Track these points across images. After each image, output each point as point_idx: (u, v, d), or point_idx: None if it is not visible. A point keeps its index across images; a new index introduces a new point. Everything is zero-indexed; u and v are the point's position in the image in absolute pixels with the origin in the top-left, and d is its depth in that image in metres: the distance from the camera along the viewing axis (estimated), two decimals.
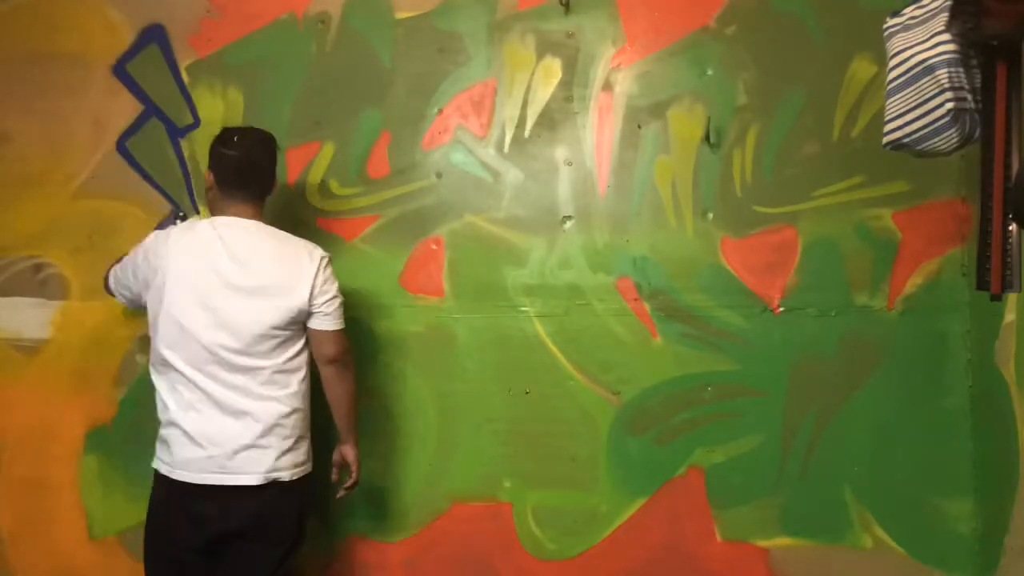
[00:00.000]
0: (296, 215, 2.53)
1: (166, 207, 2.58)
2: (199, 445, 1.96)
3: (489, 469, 2.49)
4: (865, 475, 2.39)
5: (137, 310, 2.30)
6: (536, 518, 2.49)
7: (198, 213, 2.56)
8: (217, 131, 2.55)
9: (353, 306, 2.50)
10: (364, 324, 2.52)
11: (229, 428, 1.97)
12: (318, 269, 2.07)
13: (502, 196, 2.51)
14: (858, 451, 2.39)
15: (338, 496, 2.23)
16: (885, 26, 1.71)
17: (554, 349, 2.48)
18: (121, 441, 2.56)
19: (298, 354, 2.08)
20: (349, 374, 2.16)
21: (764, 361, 2.42)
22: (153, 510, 2.06)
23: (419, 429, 2.52)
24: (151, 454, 2.52)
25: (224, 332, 1.98)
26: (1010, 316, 2.16)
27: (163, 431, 2.04)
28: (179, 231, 2.07)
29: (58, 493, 2.59)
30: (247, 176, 2.10)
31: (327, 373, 2.12)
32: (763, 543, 2.42)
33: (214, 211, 2.12)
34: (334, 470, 2.24)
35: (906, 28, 1.65)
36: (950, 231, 2.37)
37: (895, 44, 1.67)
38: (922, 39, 1.60)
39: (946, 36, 1.56)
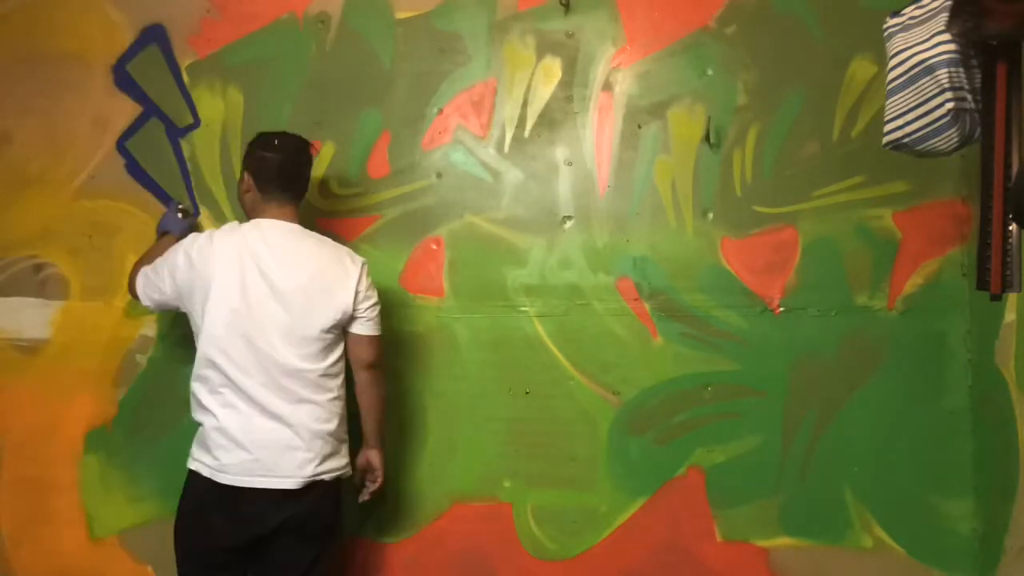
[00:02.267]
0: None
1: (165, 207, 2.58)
2: (243, 448, 1.97)
3: (489, 469, 2.49)
4: (865, 475, 2.39)
5: (144, 310, 2.30)
6: (536, 518, 2.49)
7: (196, 208, 2.56)
8: (217, 131, 2.56)
9: None
10: None
11: (273, 432, 1.98)
12: (361, 274, 2.11)
13: (502, 196, 2.51)
14: (858, 451, 2.39)
15: (362, 499, 2.25)
16: (885, 26, 1.71)
17: (554, 349, 2.48)
18: (121, 441, 2.56)
19: (339, 359, 2.10)
20: (383, 380, 2.20)
21: (764, 361, 2.42)
22: (188, 511, 2.05)
23: (419, 429, 2.52)
24: (151, 454, 2.54)
25: (276, 334, 1.99)
26: (1010, 316, 2.16)
27: (204, 433, 2.03)
28: (221, 234, 2.08)
29: (58, 493, 2.59)
30: (291, 179, 2.13)
31: (363, 378, 2.15)
32: (763, 543, 2.42)
33: (253, 214, 2.14)
34: (358, 474, 2.24)
35: (906, 28, 1.65)
36: (950, 231, 2.37)
37: (895, 44, 1.67)
38: (922, 39, 1.60)
39: (946, 36, 1.56)
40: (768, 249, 2.43)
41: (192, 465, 2.04)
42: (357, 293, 2.08)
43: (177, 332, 2.51)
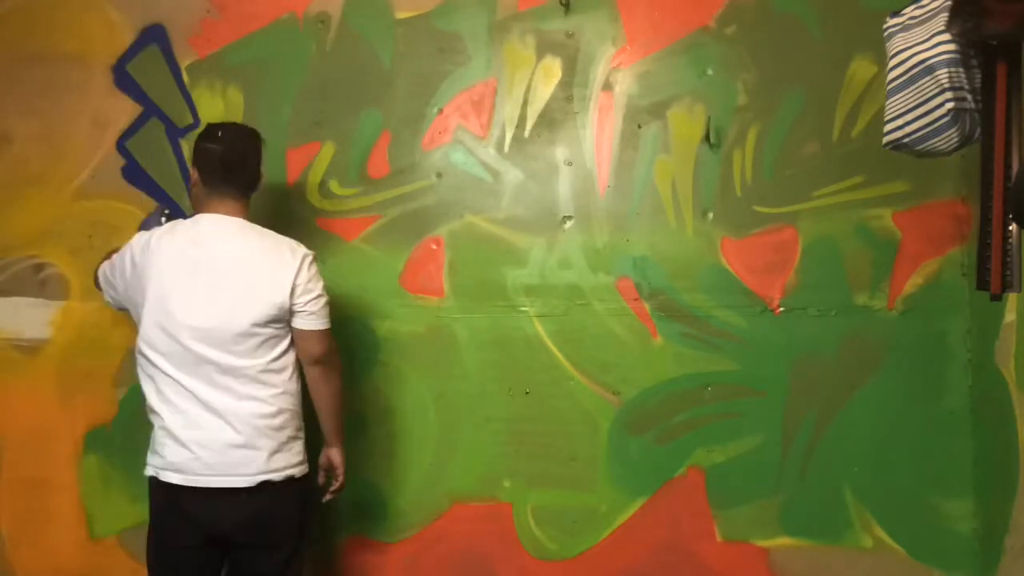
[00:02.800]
0: (296, 215, 2.54)
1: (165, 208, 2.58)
2: (185, 447, 1.93)
3: (489, 469, 2.49)
4: (865, 475, 2.39)
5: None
6: (536, 518, 2.49)
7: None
8: None
9: (353, 306, 2.51)
10: (364, 324, 2.52)
11: (215, 429, 1.94)
12: (300, 267, 2.03)
13: (502, 196, 2.51)
14: (858, 451, 2.39)
15: (323, 500, 2.20)
16: (885, 26, 1.71)
17: (554, 349, 2.48)
18: (121, 441, 2.55)
19: (283, 354, 2.03)
20: (335, 375, 2.12)
21: (764, 361, 2.42)
22: (151, 513, 2.04)
23: (419, 429, 2.52)
24: None
25: (206, 332, 1.94)
26: (1010, 316, 2.15)
27: (153, 434, 2.00)
28: (161, 232, 2.04)
29: (58, 493, 2.59)
30: (234, 170, 2.06)
31: (312, 374, 2.08)
32: (763, 543, 2.42)
33: (199, 208, 2.09)
34: (320, 473, 2.19)
35: (906, 28, 1.65)
36: (950, 231, 2.37)
37: (895, 44, 1.67)
38: (922, 39, 1.60)
39: (946, 36, 1.56)
40: (768, 249, 2.43)
41: (146, 470, 2.01)
42: (295, 287, 2.00)
43: None
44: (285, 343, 2.04)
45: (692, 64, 2.46)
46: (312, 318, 2.04)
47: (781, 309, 2.42)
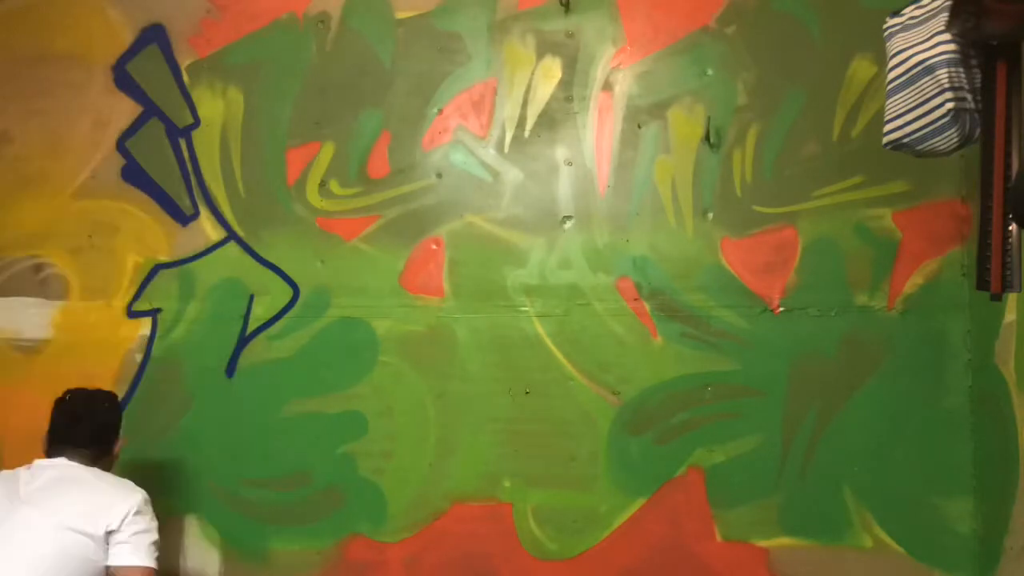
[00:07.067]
0: (296, 215, 2.54)
1: (165, 207, 2.58)
2: None
3: (489, 469, 2.49)
4: (865, 475, 2.39)
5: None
6: (536, 518, 2.49)
7: (197, 211, 2.57)
8: (217, 131, 2.57)
9: (353, 306, 2.51)
10: (364, 324, 2.52)
11: None
12: (134, 504, 1.89)
13: (502, 196, 2.51)
14: (858, 451, 2.39)
15: None
16: (885, 26, 1.71)
17: (554, 349, 2.48)
18: None
19: None
20: None
21: (764, 361, 2.42)
22: None
23: (419, 429, 2.52)
24: (151, 453, 2.54)
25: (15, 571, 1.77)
26: (1010, 316, 2.15)
27: None
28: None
29: None
30: (73, 428, 2.05)
31: None
32: (763, 543, 2.42)
33: None
34: None
35: (906, 28, 1.65)
36: (950, 231, 2.37)
37: (895, 44, 1.67)
38: (922, 39, 1.60)
39: (946, 36, 1.56)
40: (768, 249, 2.43)
41: None
42: (124, 516, 1.85)
43: (177, 332, 2.51)
44: None
45: (692, 64, 2.46)
46: (136, 553, 1.83)
47: (781, 309, 2.42)
